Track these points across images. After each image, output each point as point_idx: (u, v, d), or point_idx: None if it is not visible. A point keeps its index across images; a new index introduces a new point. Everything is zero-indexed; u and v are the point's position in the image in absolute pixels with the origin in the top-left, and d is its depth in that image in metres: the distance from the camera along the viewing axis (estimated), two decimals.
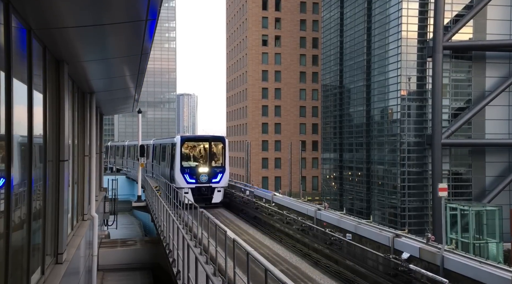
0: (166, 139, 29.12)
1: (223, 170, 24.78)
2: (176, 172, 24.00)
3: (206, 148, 25.41)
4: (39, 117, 5.97)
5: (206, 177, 24.06)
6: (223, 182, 24.69)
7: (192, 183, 23.93)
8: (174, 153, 24.56)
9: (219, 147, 25.69)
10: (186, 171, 24.04)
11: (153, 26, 5.55)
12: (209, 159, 24.83)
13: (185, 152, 25.22)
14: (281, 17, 74.03)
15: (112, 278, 17.16)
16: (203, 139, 26.85)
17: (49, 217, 6.50)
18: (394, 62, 42.44)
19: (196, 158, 25.71)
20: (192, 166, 24.57)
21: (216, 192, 24.38)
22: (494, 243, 23.85)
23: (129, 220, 36.92)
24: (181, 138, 25.12)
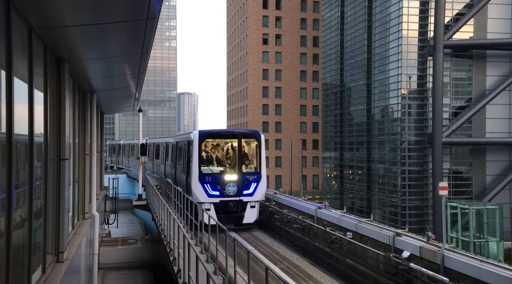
0: (181, 136, 22.77)
1: (259, 177, 17.86)
2: (193, 180, 17.39)
3: (234, 146, 18.55)
4: (39, 116, 5.98)
5: (234, 188, 17.29)
6: (258, 194, 17.79)
7: (215, 195, 17.30)
8: (191, 154, 17.87)
9: (252, 145, 18.87)
10: (206, 180, 17.34)
11: (153, 25, 5.55)
12: (239, 162, 17.77)
13: (205, 152, 18.48)
14: (281, 15, 73.98)
15: (113, 277, 17.20)
16: (230, 134, 20.26)
17: (50, 216, 6.51)
18: (394, 61, 42.41)
19: (220, 160, 18.68)
20: (215, 173, 17.71)
21: (249, 209, 17.48)
22: (494, 242, 23.86)
23: (130, 218, 36.96)
24: (200, 134, 18.03)
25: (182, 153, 19.88)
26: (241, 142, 18.11)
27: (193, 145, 17.75)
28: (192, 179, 17.47)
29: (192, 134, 18.28)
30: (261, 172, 18.09)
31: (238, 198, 17.47)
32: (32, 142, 5.37)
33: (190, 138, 18.28)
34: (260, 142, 18.34)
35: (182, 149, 19.89)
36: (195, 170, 17.45)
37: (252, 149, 18.97)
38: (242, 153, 18.23)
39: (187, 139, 18.84)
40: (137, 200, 30.30)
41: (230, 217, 17.40)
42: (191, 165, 17.67)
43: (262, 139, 18.52)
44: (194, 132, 18.35)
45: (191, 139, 18.02)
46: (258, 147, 18.34)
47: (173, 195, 18.51)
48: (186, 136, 19.95)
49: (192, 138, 17.93)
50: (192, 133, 18.42)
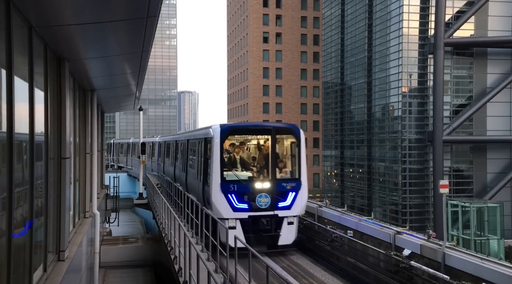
0: (194, 133, 18.37)
1: (298, 184, 14.12)
2: (213, 189, 13.74)
3: (266, 145, 14.70)
4: (40, 115, 5.98)
5: (267, 199, 13.59)
6: (297, 206, 14.00)
7: (242, 209, 13.62)
8: (209, 156, 14.25)
9: (289, 142, 15.17)
10: (231, 189, 13.65)
11: (153, 23, 5.55)
12: (273, 165, 14.03)
13: (229, 152, 14.85)
14: (282, 14, 73.90)
15: (114, 275, 17.23)
16: (261, 129, 15.59)
17: (51, 215, 6.51)
18: (395, 59, 42.37)
19: (246, 163, 14.99)
20: (243, 179, 14.01)
21: (286, 226, 13.74)
22: (495, 240, 23.85)
23: (131, 217, 36.98)
24: (222, 130, 14.23)
25: (197, 153, 16.09)
26: (275, 139, 14.14)
27: (212, 143, 13.89)
28: (212, 188, 13.62)
29: (211, 129, 14.23)
30: (301, 178, 14.10)
31: (272, 212, 13.52)
32: (32, 141, 5.37)
33: (208, 135, 14.34)
34: (299, 139, 14.41)
35: (197, 149, 16.11)
36: (216, 176, 13.58)
37: (290, 148, 15.12)
38: (277, 153, 14.43)
39: (204, 137, 14.93)
40: (138, 199, 30.34)
41: (261, 237, 13.61)
42: (211, 169, 13.79)
43: (302, 135, 14.53)
44: (214, 127, 14.35)
45: (209, 136, 14.18)
46: (297, 145, 14.39)
47: (174, 194, 18.44)
48: (202, 133, 15.74)
49: (211, 134, 13.98)
50: (211, 128, 14.43)
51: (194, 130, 20.90)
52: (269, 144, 14.22)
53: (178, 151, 21.13)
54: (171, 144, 23.88)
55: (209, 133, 14.41)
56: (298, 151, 14.46)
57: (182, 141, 20.11)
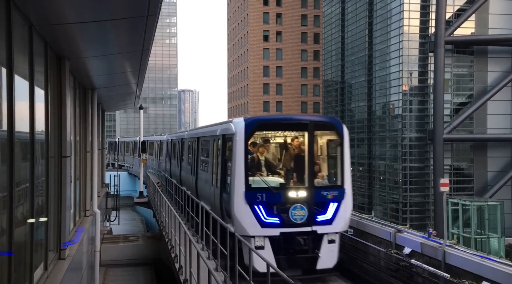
0: (208, 129, 15.53)
1: (341, 193, 11.43)
2: (236, 199, 11.04)
3: (301, 144, 11.86)
4: (41, 114, 5.98)
5: (303, 212, 10.90)
6: (340, 220, 11.33)
7: (272, 224, 10.91)
8: (230, 157, 11.53)
9: (328, 140, 12.41)
10: (258, 198, 10.97)
11: (154, 22, 5.54)
12: (310, 169, 11.30)
13: (255, 153, 11.89)
14: (282, 12, 73.82)
15: (115, 274, 17.25)
16: (296, 124, 12.39)
17: (51, 213, 6.52)
18: (395, 57, 42.33)
19: (274, 167, 12.20)
20: (273, 187, 11.19)
21: (326, 245, 11.10)
22: (495, 238, 23.87)
23: (131, 215, 37.01)
24: (248, 124, 11.40)
25: (211, 153, 13.51)
26: (313, 136, 11.30)
27: (234, 141, 11.09)
28: (233, 197, 10.90)
29: (233, 124, 11.52)
30: (345, 185, 11.36)
31: (309, 227, 10.83)
32: (33, 140, 5.38)
33: (228, 131, 11.71)
34: (342, 136, 11.60)
35: (212, 148, 13.54)
36: (239, 183, 10.84)
37: (328, 147, 12.36)
38: (315, 153, 11.51)
39: (223, 133, 12.23)
40: (139, 197, 30.37)
41: (295, 259, 10.97)
42: (232, 174, 11.04)
43: (345, 131, 11.77)
44: (237, 122, 11.56)
45: (230, 133, 11.49)
46: (339, 144, 11.57)
47: (179, 197, 18.27)
48: (219, 129, 12.88)
49: (233, 130, 11.26)
50: (231, 123, 11.78)
51: (205, 127, 16.77)
52: (305, 141, 11.33)
53: (185, 150, 18.61)
54: (177, 142, 21.12)
55: (229, 129, 11.63)
56: (341, 151, 11.51)
57: (191, 139, 17.51)
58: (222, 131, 12.52)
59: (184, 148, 18.97)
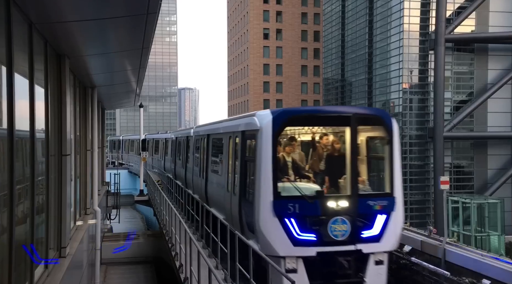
0: (224, 124, 12.95)
1: (391, 203, 9.39)
2: (262, 210, 8.96)
3: (338, 142, 9.83)
4: (40, 112, 5.98)
5: (345, 226, 8.81)
6: (390, 237, 9.21)
7: (307, 242, 8.81)
8: (254, 157, 9.43)
9: (375, 136, 10.18)
10: (289, 209, 8.87)
11: (153, 19, 5.54)
12: (353, 174, 9.20)
13: (283, 153, 9.76)
14: (282, 10, 73.72)
15: (115, 272, 17.29)
16: (336, 117, 9.87)
17: (52, 211, 6.53)
18: (396, 55, 42.28)
19: (307, 171, 10.01)
20: (307, 195, 9.01)
21: (373, 266, 9.03)
22: (496, 236, 23.88)
23: (132, 214, 37.04)
24: (276, 117, 9.16)
25: (227, 154, 11.32)
26: (356, 132, 9.02)
27: (259, 138, 8.94)
28: (259, 208, 8.76)
29: (257, 118, 9.35)
30: (395, 193, 9.24)
31: (352, 246, 8.68)
32: (33, 138, 5.38)
33: (251, 126, 9.49)
34: (391, 132, 9.32)
35: (227, 147, 11.35)
36: (266, 190, 8.74)
37: (373, 146, 10.26)
38: (358, 153, 9.35)
39: (243, 129, 10.04)
40: (139, 195, 30.39)
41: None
42: (257, 179, 8.93)
43: (395, 126, 9.50)
44: (262, 115, 9.42)
45: (254, 128, 9.28)
46: (388, 142, 9.36)
47: (175, 191, 18.20)
48: (239, 124, 10.52)
49: (257, 125, 9.11)
50: (255, 116, 9.55)
51: (217, 122, 14.28)
52: (347, 139, 9.09)
53: (191, 150, 16.80)
54: (182, 140, 19.11)
55: (252, 124, 9.40)
56: (390, 151, 9.33)
57: (199, 137, 15.43)
58: (242, 126, 10.14)
59: (190, 146, 17.03)
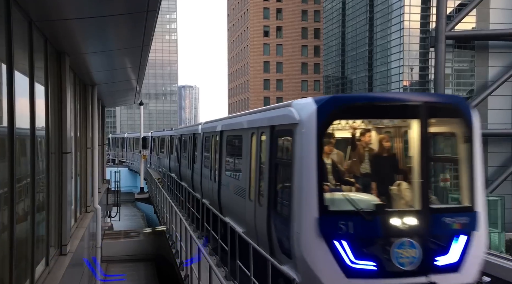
0: (245, 118, 10.16)
1: (472, 219, 6.51)
2: (303, 229, 6.28)
3: (401, 143, 7.82)
4: (41, 110, 5.97)
5: (415, 251, 6.11)
6: (472, 264, 6.48)
7: (364, 272, 6.10)
8: (290, 160, 6.84)
9: (448, 132, 7.34)
10: (340, 229, 6.13)
11: (154, 17, 5.52)
12: (424, 182, 6.41)
13: (332, 155, 7.36)
14: (282, 7, 73.62)
15: (116, 269, 17.30)
16: (400, 106, 6.70)
17: (52, 209, 6.53)
18: (396, 52, 42.24)
19: (361, 177, 7.35)
20: (363, 210, 6.26)
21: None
22: (496, 233, 23.90)
23: (132, 211, 37.10)
24: (323, 106, 6.39)
25: (248, 154, 9.12)
26: (427, 125, 6.63)
27: (299, 136, 6.73)
28: (299, 227, 6.57)
29: (294, 108, 7.07)
30: (477, 207, 6.80)
31: (423, 278, 6.42)
32: (33, 136, 5.37)
33: (286, 120, 7.27)
34: (470, 126, 6.87)
35: (248, 146, 9.19)
36: (310, 203, 6.45)
37: (447, 144, 8.52)
38: (431, 152, 7.08)
39: (273, 124, 7.89)
40: (139, 193, 30.42)
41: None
42: (296, 189, 6.70)
43: (475, 119, 6.93)
44: (302, 103, 7.09)
45: (290, 122, 7.01)
46: (468, 140, 6.91)
47: (175, 188, 18.15)
48: (266, 117, 8.40)
49: (296, 117, 6.85)
50: (291, 107, 7.22)
51: (233, 117, 11.78)
52: (414, 135, 6.74)
53: (199, 149, 15.14)
54: (188, 138, 17.47)
55: (288, 116, 7.05)
56: (470, 151, 6.83)
57: (209, 134, 13.62)
58: (271, 120, 7.89)
59: (198, 145, 15.25)
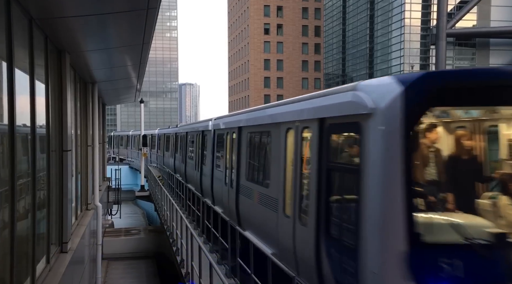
0: (281, 109, 7.59)
1: None
2: (384, 267, 4.07)
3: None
4: (41, 108, 5.97)
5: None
6: None
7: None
8: (360, 166, 4.54)
9: None
10: (441, 268, 3.85)
11: (154, 15, 5.52)
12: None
13: (425, 156, 4.57)
14: (283, 5, 73.50)
15: (117, 267, 17.34)
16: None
17: (53, 207, 6.54)
18: (397, 50, 42.20)
19: (468, 192, 4.63)
20: (477, 241, 3.97)
21: None
22: None
23: (133, 209, 37.14)
24: (413, 86, 4.20)
25: (284, 158, 7.05)
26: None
27: (374, 131, 4.45)
28: (379, 265, 4.19)
29: (362, 93, 4.72)
30: None
31: None
32: (34, 133, 5.38)
33: (351, 108, 4.89)
34: None
35: (284, 147, 7.08)
36: (393, 231, 4.14)
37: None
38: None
39: (328, 115, 5.53)
40: (140, 191, 30.44)
41: None
42: (369, 209, 4.36)
43: None
44: (376, 85, 4.79)
45: (360, 112, 4.63)
46: None
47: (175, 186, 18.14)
48: (318, 107, 5.83)
49: (369, 105, 4.51)
50: (356, 90, 4.87)
51: (257, 109, 9.35)
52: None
53: (210, 148, 13.18)
54: (196, 135, 15.61)
55: (356, 103, 4.81)
56: None
57: (223, 131, 11.64)
58: (321, 111, 5.71)
59: (208, 143, 13.37)
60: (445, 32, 38.75)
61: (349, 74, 53.45)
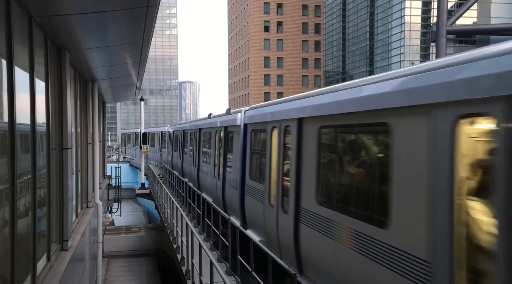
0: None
1: None
2: None
3: None
4: (41, 105, 5.97)
5: None
6: None
7: None
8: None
9: None
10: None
11: (154, 12, 5.51)
12: None
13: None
14: (283, 2, 73.36)
15: (117, 264, 17.37)
16: None
17: (53, 205, 6.54)
18: (397, 47, 42.14)
19: None
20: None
21: None
22: None
23: (133, 207, 37.17)
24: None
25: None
26: None
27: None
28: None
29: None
30: None
31: None
32: (34, 131, 5.38)
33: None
34: None
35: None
36: None
37: None
38: None
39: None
40: (140, 189, 30.46)
41: None
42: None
43: None
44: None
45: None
46: None
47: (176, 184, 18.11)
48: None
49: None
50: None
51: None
52: None
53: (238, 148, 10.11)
54: (214, 132, 12.56)
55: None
56: None
57: (259, 127, 8.95)
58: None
59: (234, 143, 10.48)
60: (446, 29, 38.71)
61: (349, 71, 53.42)
